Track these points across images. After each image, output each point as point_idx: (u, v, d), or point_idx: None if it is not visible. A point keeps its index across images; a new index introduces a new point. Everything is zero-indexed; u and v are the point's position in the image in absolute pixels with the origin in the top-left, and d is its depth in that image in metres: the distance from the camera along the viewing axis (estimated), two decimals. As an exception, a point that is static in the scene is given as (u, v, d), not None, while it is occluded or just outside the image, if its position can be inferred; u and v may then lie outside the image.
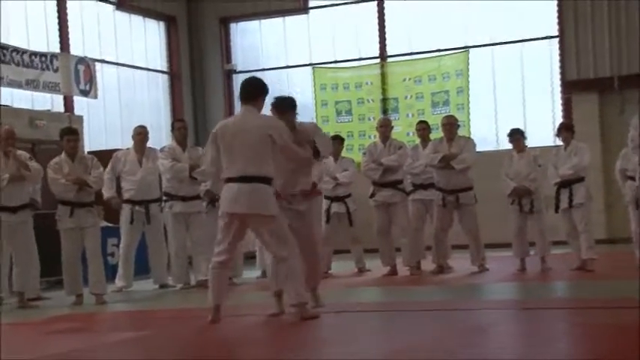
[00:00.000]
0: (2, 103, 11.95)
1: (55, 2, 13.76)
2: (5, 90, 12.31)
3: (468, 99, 14.93)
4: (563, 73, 14.60)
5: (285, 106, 7.02)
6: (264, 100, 6.68)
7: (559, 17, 14.58)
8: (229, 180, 6.44)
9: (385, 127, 10.61)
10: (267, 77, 16.04)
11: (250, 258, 11.35)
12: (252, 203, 6.36)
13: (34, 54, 12.78)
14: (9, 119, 10.75)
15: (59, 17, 13.77)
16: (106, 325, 7.47)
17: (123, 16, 15.31)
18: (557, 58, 14.69)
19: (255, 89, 6.66)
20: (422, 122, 10.95)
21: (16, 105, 12.59)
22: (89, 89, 13.73)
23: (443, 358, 4.71)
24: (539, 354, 4.74)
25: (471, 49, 15.02)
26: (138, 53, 15.57)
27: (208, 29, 16.51)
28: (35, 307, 8.74)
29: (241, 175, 6.35)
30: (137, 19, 15.68)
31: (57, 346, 5.61)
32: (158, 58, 16.16)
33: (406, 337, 5.57)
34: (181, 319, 7.24)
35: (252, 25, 16.56)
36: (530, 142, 10.90)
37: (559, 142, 10.04)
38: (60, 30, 13.77)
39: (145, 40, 15.91)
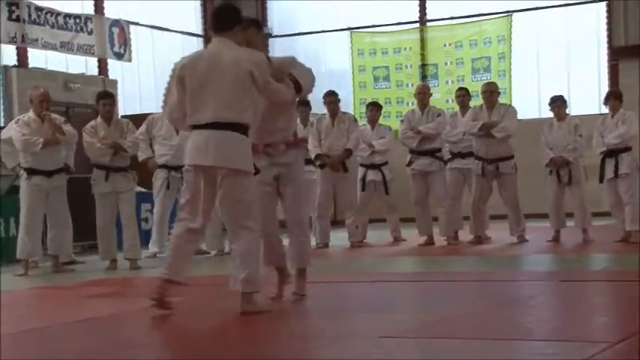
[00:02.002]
0: (37, 66, 12.05)
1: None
2: (40, 52, 12.40)
3: (510, 65, 14.80)
4: (610, 39, 14.41)
5: (245, 22, 5.82)
6: (238, 30, 5.61)
7: (606, -19, 14.37)
8: (197, 127, 5.36)
9: (423, 94, 10.53)
10: (303, 41, 16.31)
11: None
12: (222, 154, 5.28)
13: (69, 16, 12.87)
14: (43, 82, 10.85)
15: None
16: (139, 290, 7.55)
17: (158, -22, 15.35)
18: (604, 23, 14.48)
19: (229, 17, 5.62)
20: (461, 89, 10.85)
21: (50, 68, 12.68)
22: (123, 52, 13.81)
23: (479, 331, 4.71)
24: (579, 328, 4.74)
25: (513, 14, 14.85)
26: (172, 16, 15.59)
27: (244, -8, 16.46)
28: (70, 270, 8.88)
29: (213, 120, 5.29)
30: (172, -18, 15.71)
31: (91, 310, 5.71)
32: (193, 22, 16.17)
33: (442, 309, 5.56)
34: (214, 286, 7.29)
35: (289, -12, 16.50)
36: (574, 110, 10.81)
37: (604, 110, 9.94)
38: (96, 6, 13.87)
39: (180, 3, 15.92)
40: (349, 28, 15.87)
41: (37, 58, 12.54)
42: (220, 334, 4.92)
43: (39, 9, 12.29)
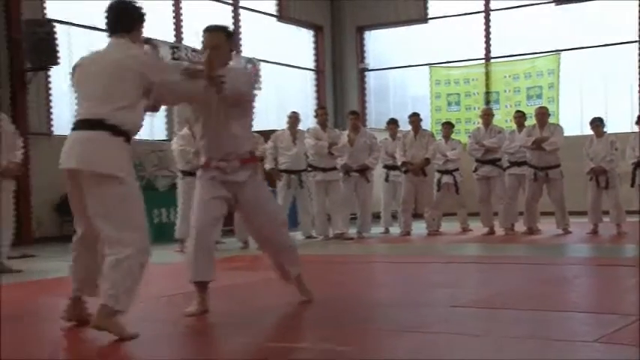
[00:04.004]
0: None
1: (232, 15, 14.08)
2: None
3: (557, 93, 14.45)
4: (640, 72, 13.89)
5: (214, 28, 4.26)
6: (141, 30, 3.87)
7: None
8: (73, 126, 3.76)
9: (487, 116, 10.42)
10: (392, 74, 16.26)
11: (377, 217, 11.34)
12: (86, 156, 3.61)
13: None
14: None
15: (234, 25, 14.08)
16: (264, 265, 7.65)
17: (282, 26, 15.49)
18: (635, 60, 13.97)
19: (129, 15, 3.82)
20: (518, 111, 10.66)
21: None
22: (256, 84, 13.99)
23: (532, 303, 4.60)
24: (613, 303, 4.58)
25: (561, 52, 14.50)
26: (292, 54, 15.74)
27: (347, 35, 16.51)
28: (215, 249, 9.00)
29: (83, 118, 3.68)
30: (292, 28, 15.84)
31: (227, 279, 5.80)
32: (307, 59, 16.30)
33: (500, 284, 5.47)
34: (322, 263, 7.34)
35: (382, 32, 16.42)
36: (610, 128, 10.52)
37: (635, 128, 9.72)
38: (234, 37, 14.11)
39: (298, 44, 16.06)
40: (429, 64, 15.73)
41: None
42: (331, 300, 4.91)
43: (194, 50, 12.51)
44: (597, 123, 9.81)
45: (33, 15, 10.49)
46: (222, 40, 4.21)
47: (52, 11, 10.96)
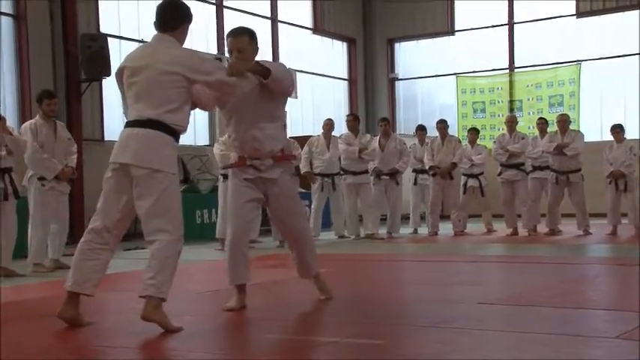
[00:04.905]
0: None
1: (270, 29, 14.10)
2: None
3: (578, 101, 14.23)
4: (658, 81, 13.59)
5: (238, 32, 4.13)
6: (186, 29, 3.85)
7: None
8: (125, 125, 3.80)
9: (511, 122, 10.32)
10: (420, 83, 16.15)
11: (406, 219, 11.27)
12: (140, 152, 3.65)
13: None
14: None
15: (272, 37, 14.12)
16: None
17: (317, 38, 15.49)
18: (653, 68, 13.72)
19: (174, 14, 3.81)
20: (541, 118, 10.55)
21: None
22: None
23: (555, 300, 4.50)
24: (632, 301, 4.45)
25: (582, 62, 14.27)
26: (326, 65, 15.72)
27: (378, 47, 16.47)
28: (251, 247, 9.00)
29: (135, 118, 3.70)
30: (327, 40, 15.84)
31: (264, 277, 5.79)
32: (341, 69, 16.27)
33: (524, 283, 5.37)
34: (353, 262, 7.31)
35: (411, 44, 16.34)
36: (629, 134, 10.35)
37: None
38: (272, 48, 14.14)
39: (332, 55, 16.04)
40: (455, 74, 15.62)
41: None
42: (362, 297, 4.88)
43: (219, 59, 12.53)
44: (618, 129, 9.70)
45: (87, 30, 10.64)
46: (246, 42, 4.09)
47: (104, 26, 11.11)
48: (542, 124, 10.18)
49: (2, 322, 4.00)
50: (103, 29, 11.03)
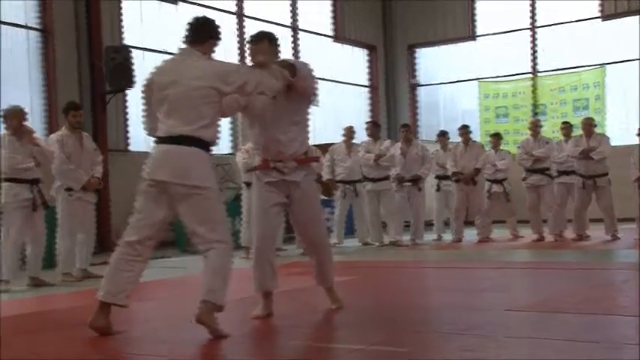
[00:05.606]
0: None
1: (291, 39, 14.18)
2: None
3: (603, 104, 14.08)
4: (685, 83, 13.41)
5: (258, 36, 4.16)
6: (214, 45, 3.97)
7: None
8: (157, 141, 3.86)
9: (535, 127, 10.25)
10: (443, 89, 16.12)
11: (429, 225, 11.22)
12: (177, 170, 3.71)
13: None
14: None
15: (293, 47, 14.19)
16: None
17: (338, 46, 15.54)
18: (680, 70, 13.54)
19: (203, 29, 3.93)
20: (565, 123, 10.44)
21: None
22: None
23: (583, 306, 4.46)
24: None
25: (607, 66, 14.14)
26: (347, 72, 15.75)
27: (399, 54, 16.47)
28: (277, 255, 9.01)
29: (169, 134, 3.75)
30: (348, 48, 15.87)
31: (289, 284, 5.81)
32: (362, 76, 16.29)
33: (551, 289, 5.33)
34: (378, 269, 7.31)
35: (432, 50, 16.31)
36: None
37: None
38: (294, 57, 14.20)
39: (353, 62, 16.06)
40: (478, 79, 15.55)
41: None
42: (386, 303, 4.88)
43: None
44: (644, 132, 9.53)
45: (112, 42, 10.79)
46: (266, 46, 4.12)
47: (128, 38, 11.25)
48: (567, 128, 10.09)
49: (33, 332, 4.07)
50: (127, 41, 11.17)
